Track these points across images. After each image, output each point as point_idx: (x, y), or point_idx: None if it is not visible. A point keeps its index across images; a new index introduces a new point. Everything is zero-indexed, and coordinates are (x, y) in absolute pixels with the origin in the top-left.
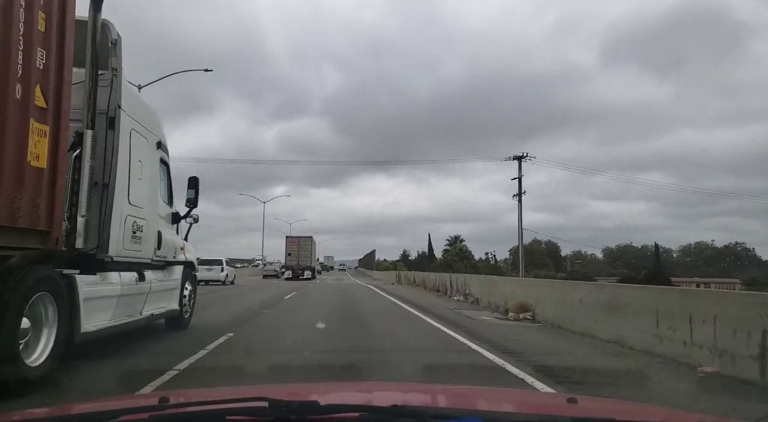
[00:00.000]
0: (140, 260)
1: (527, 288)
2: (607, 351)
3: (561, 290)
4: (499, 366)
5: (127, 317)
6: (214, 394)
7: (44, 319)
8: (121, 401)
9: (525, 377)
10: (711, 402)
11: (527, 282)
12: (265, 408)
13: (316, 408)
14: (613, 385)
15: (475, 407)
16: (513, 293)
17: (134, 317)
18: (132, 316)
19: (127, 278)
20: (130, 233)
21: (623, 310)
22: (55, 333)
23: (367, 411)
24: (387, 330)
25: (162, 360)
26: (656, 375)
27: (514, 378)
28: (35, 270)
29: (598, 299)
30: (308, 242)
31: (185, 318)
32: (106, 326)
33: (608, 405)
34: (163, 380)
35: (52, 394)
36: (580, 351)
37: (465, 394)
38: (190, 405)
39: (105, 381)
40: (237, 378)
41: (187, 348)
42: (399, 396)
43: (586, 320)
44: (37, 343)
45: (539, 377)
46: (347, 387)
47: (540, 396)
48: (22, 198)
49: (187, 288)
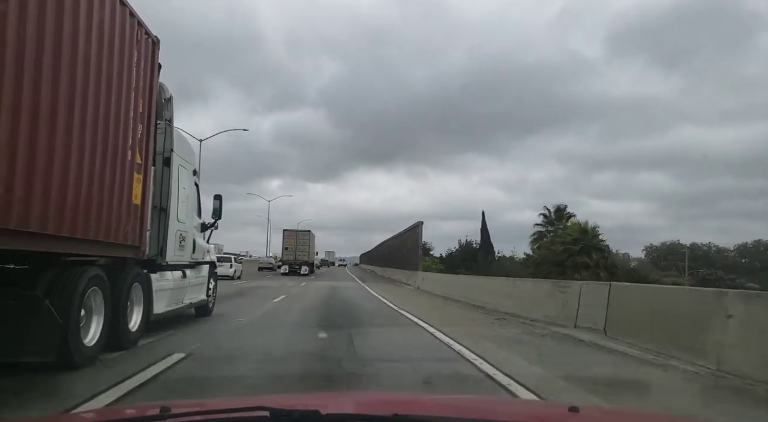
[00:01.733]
0: (182, 262)
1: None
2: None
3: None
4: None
5: (175, 304)
6: (215, 404)
7: (136, 301)
8: (123, 411)
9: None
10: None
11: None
12: (267, 418)
13: (317, 417)
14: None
15: (476, 417)
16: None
17: (179, 305)
18: (177, 304)
19: (175, 276)
20: (177, 243)
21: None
22: (142, 311)
23: (368, 420)
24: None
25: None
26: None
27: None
28: (132, 269)
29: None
30: (306, 237)
31: (210, 307)
32: (164, 310)
33: (611, 414)
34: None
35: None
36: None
37: (466, 404)
38: (192, 415)
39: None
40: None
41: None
42: (399, 406)
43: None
44: (132, 316)
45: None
46: (349, 397)
47: (542, 405)
48: (128, 225)
49: (211, 283)
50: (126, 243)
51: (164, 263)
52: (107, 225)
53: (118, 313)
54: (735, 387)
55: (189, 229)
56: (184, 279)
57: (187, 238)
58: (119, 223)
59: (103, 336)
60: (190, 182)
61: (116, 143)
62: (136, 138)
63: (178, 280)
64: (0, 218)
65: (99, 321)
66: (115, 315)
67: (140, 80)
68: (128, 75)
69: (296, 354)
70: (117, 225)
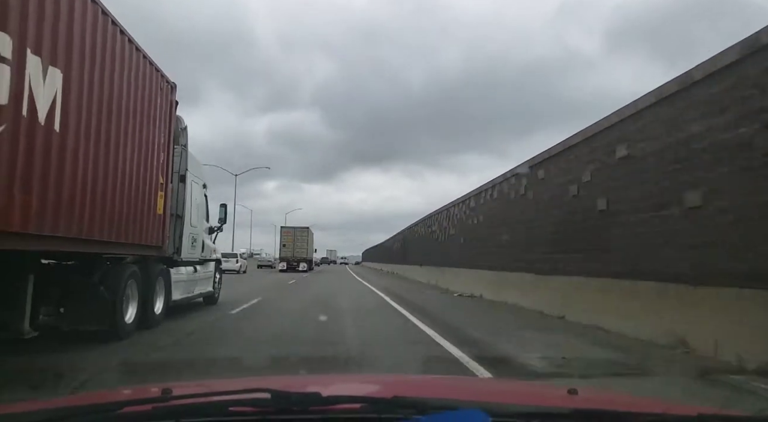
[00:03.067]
0: (193, 259)
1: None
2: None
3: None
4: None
5: (188, 294)
6: (217, 386)
7: (159, 290)
8: (125, 393)
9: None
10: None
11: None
12: (268, 399)
13: (318, 399)
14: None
15: (475, 398)
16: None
17: (191, 294)
18: (190, 294)
19: (188, 270)
20: (190, 244)
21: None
22: (163, 298)
23: (369, 402)
24: None
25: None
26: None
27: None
28: (157, 265)
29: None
30: (304, 233)
31: (215, 297)
32: (180, 298)
33: (609, 396)
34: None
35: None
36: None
37: (466, 385)
38: (194, 397)
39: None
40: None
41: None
42: (400, 387)
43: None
44: (156, 302)
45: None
46: (349, 379)
47: (541, 387)
48: (153, 231)
49: (216, 276)
50: (151, 244)
51: (180, 259)
52: (138, 231)
53: (147, 299)
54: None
55: (199, 232)
56: (195, 273)
57: (197, 239)
58: (147, 229)
59: (137, 317)
60: (200, 193)
61: (146, 169)
62: (160, 163)
63: (191, 274)
64: (69, 230)
65: (134, 304)
66: (145, 301)
67: (162, 119)
68: (154, 116)
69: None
70: (145, 231)
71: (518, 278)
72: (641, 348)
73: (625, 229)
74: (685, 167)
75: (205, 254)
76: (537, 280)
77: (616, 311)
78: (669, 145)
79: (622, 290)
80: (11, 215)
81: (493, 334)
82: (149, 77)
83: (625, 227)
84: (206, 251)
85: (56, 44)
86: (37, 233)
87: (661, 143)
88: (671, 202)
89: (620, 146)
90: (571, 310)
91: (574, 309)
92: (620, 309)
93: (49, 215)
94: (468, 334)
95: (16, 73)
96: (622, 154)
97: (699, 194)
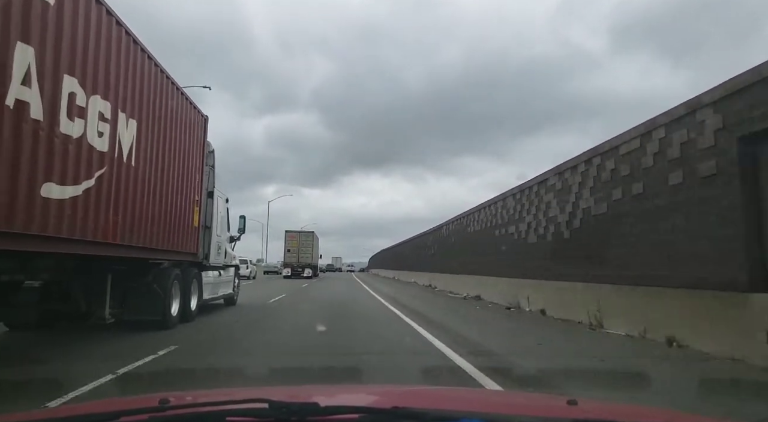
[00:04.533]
0: (218, 264)
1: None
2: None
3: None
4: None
5: (213, 294)
6: (214, 395)
7: (193, 290)
8: (121, 402)
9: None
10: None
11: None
12: (266, 410)
13: (316, 409)
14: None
15: (475, 408)
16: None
17: (216, 295)
18: (215, 294)
19: (214, 274)
20: (216, 251)
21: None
22: (196, 296)
23: (368, 412)
24: None
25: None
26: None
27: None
28: (191, 269)
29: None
30: (309, 238)
31: (234, 299)
32: (208, 297)
33: (609, 407)
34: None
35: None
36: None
37: (465, 396)
38: (191, 407)
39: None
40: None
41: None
42: (399, 398)
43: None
44: (192, 300)
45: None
46: (348, 390)
47: (540, 398)
48: (188, 240)
49: (235, 281)
50: (189, 251)
51: (208, 264)
52: (180, 241)
53: (186, 297)
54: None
55: (223, 241)
56: (219, 277)
57: (221, 247)
58: (186, 239)
59: (179, 312)
60: (224, 206)
61: (186, 189)
62: (196, 183)
63: (216, 277)
64: (138, 240)
65: (177, 301)
66: (184, 299)
67: (198, 146)
68: (193, 145)
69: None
70: (185, 240)
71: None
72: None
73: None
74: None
75: (227, 260)
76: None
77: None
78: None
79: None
80: (107, 230)
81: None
82: (190, 115)
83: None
84: (228, 258)
85: (134, 102)
86: (120, 243)
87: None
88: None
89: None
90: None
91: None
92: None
93: (127, 230)
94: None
95: (112, 127)
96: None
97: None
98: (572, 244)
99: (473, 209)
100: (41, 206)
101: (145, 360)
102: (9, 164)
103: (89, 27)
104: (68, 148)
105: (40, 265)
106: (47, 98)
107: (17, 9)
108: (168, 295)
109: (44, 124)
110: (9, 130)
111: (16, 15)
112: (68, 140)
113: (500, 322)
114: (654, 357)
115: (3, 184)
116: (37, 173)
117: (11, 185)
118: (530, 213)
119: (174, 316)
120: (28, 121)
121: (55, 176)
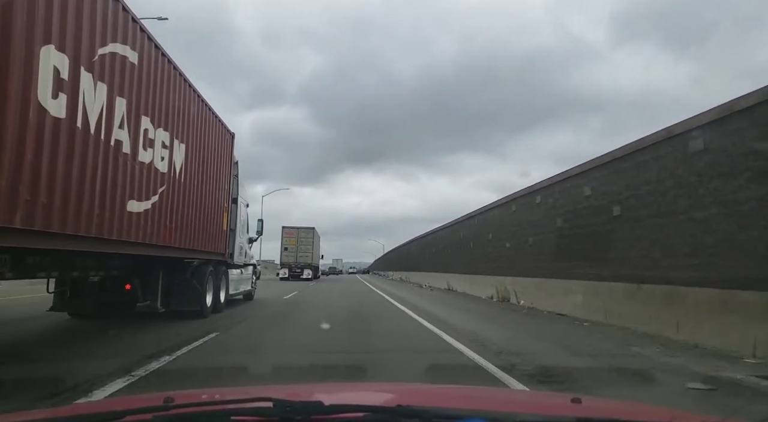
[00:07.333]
0: (240, 263)
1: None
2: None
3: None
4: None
5: (236, 290)
6: (219, 394)
7: (222, 284)
8: (125, 401)
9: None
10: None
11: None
12: (270, 408)
13: (320, 408)
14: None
15: (478, 407)
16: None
17: (238, 291)
18: (237, 290)
19: (237, 272)
20: (239, 251)
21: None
22: (225, 291)
23: (371, 411)
24: None
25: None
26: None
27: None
28: (221, 266)
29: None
30: (309, 234)
31: (252, 295)
32: (232, 292)
33: (612, 405)
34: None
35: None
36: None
37: (469, 394)
38: (195, 406)
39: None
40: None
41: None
42: (403, 397)
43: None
44: (221, 294)
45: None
46: (353, 388)
47: (544, 396)
48: (219, 241)
49: (253, 278)
50: (219, 251)
51: (233, 263)
52: (213, 242)
53: (217, 291)
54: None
55: (244, 242)
56: (241, 275)
57: (243, 247)
58: (218, 241)
59: (212, 304)
60: (245, 211)
61: (218, 197)
62: (225, 192)
63: (238, 274)
64: (184, 243)
65: (210, 294)
66: (216, 292)
67: (227, 158)
68: (223, 158)
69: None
70: (217, 242)
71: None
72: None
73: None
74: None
75: (247, 259)
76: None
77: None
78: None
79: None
80: (165, 235)
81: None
82: (222, 134)
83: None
84: (247, 258)
85: (184, 130)
86: (172, 245)
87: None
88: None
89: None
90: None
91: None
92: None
93: (177, 234)
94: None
95: (169, 152)
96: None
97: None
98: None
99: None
100: (127, 218)
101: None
102: (112, 186)
103: (157, 75)
104: (143, 172)
105: (112, 263)
106: (132, 136)
107: (118, 70)
108: (204, 289)
109: (130, 156)
110: (112, 162)
111: (118, 76)
112: (143, 165)
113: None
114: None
115: (107, 202)
116: (125, 193)
117: (111, 202)
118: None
119: (208, 307)
120: (122, 154)
121: (135, 193)
